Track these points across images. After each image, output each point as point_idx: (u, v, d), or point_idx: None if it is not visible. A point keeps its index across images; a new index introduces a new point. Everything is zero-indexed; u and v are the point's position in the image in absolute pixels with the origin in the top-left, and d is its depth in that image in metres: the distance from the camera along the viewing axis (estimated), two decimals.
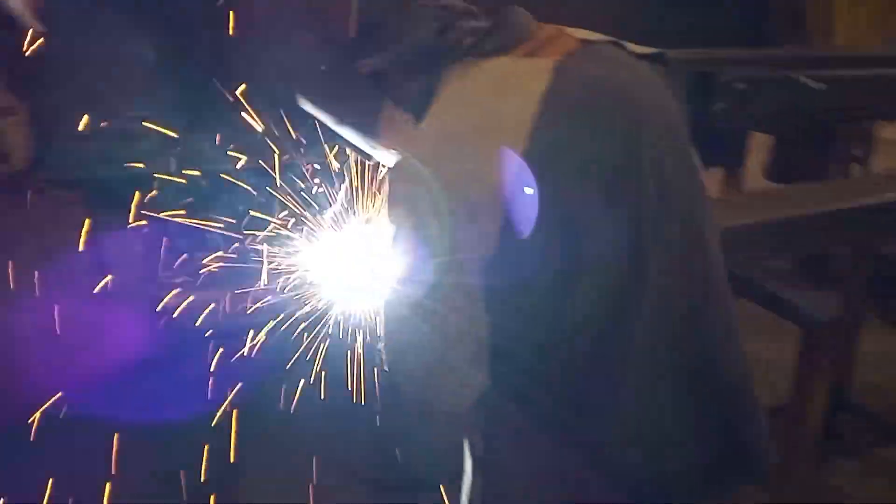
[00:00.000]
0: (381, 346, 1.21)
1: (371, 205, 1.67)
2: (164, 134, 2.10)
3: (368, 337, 1.73)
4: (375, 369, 1.63)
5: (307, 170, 1.78)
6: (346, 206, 1.74)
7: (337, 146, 1.67)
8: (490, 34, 1.15)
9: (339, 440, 2.37)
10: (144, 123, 2.09)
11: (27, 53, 1.92)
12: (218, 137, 2.02)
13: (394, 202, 1.10)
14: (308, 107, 1.30)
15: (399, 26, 1.18)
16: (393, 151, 1.26)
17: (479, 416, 1.23)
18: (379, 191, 1.59)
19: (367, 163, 1.50)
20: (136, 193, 1.92)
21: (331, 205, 1.74)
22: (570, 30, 1.20)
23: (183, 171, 2.11)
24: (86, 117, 2.05)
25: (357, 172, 1.66)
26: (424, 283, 1.10)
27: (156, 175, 2.09)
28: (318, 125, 1.34)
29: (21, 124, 4.74)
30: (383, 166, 1.36)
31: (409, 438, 1.33)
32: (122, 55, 2.53)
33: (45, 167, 2.74)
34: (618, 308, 1.08)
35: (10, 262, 2.14)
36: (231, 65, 1.88)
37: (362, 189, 1.71)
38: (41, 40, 1.94)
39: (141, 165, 2.19)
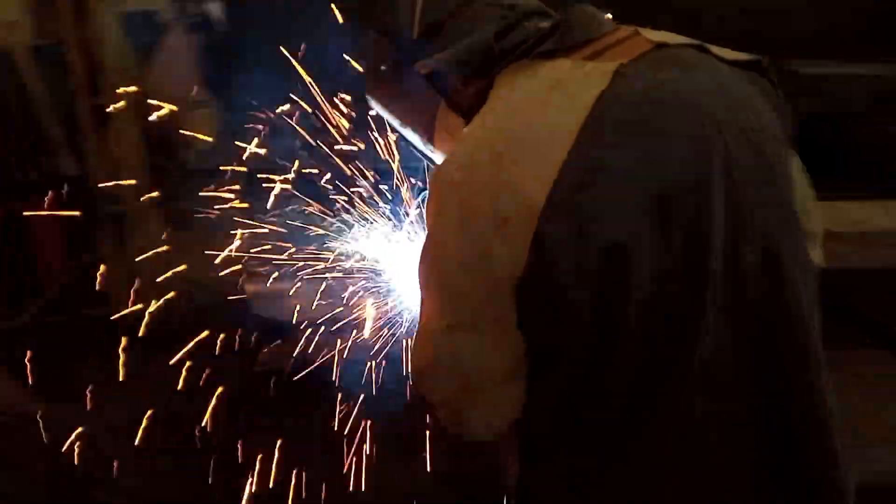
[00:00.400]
0: (411, 363, 1.16)
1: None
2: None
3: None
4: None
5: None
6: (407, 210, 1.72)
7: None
8: (552, 34, 1.08)
9: None
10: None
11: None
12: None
13: (427, 209, 1.05)
14: (375, 105, 1.28)
15: (459, 27, 1.13)
16: (443, 155, 1.20)
17: (514, 440, 1.15)
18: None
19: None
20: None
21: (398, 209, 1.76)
22: (650, 32, 1.10)
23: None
24: None
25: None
26: (449, 296, 1.03)
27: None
28: (387, 125, 1.31)
29: (210, 116, 5.74)
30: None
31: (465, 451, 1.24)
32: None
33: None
34: (671, 336, 0.97)
35: None
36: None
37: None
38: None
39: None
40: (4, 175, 3.82)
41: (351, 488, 2.41)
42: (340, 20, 2.17)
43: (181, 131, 5.60)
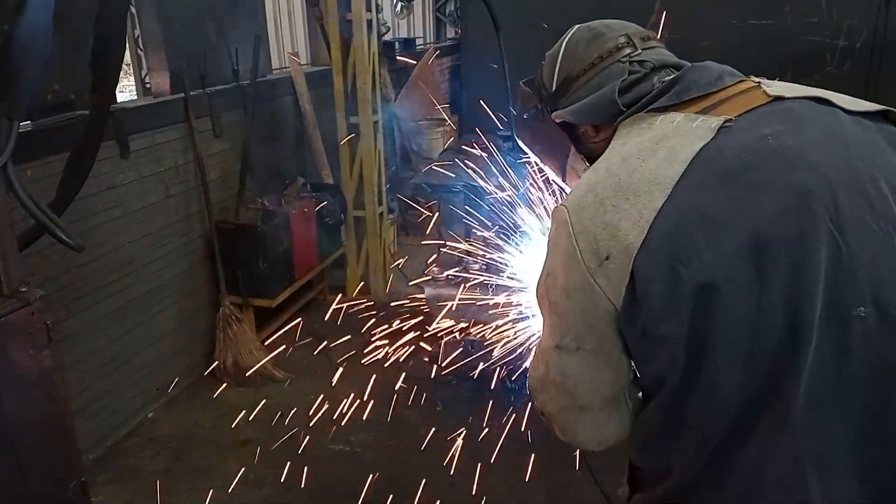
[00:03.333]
0: (529, 376, 1.25)
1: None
2: None
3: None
4: None
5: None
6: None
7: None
8: (670, 89, 1.14)
9: None
10: None
11: None
12: None
13: (548, 240, 1.15)
14: (522, 145, 1.45)
15: (590, 82, 1.23)
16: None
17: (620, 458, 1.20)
18: None
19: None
20: None
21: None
22: (772, 84, 1.14)
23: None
24: None
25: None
26: (558, 319, 1.13)
27: None
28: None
29: (449, 133, 6.26)
30: None
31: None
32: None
33: None
34: (767, 377, 0.98)
35: None
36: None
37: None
38: None
39: None
40: (278, 180, 4.61)
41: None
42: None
43: (414, 148, 6.27)
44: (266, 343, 3.93)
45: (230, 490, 2.85)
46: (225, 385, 3.67)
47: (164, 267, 3.52)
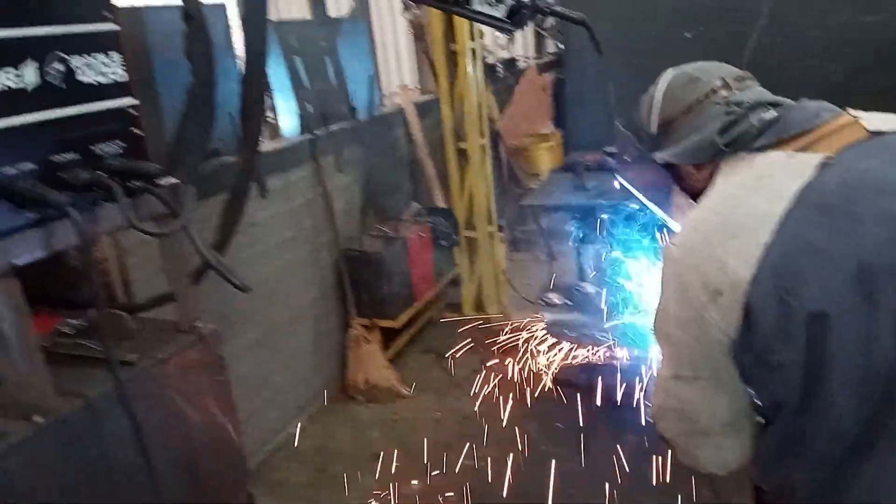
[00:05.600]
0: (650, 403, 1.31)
1: None
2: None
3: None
4: None
5: None
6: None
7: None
8: (769, 128, 1.19)
9: None
10: None
11: None
12: None
13: (660, 276, 1.21)
14: (623, 183, 1.58)
15: (689, 124, 1.28)
16: (677, 226, 1.39)
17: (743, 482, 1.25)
18: None
19: None
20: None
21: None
22: (871, 118, 1.17)
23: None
24: None
25: None
26: (674, 351, 1.19)
27: None
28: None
29: (554, 149, 6.32)
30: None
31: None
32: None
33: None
34: (882, 400, 1.01)
35: None
36: None
37: None
38: None
39: None
40: (395, 206, 4.87)
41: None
42: None
43: (520, 166, 6.36)
44: (392, 361, 4.17)
45: (370, 501, 3.06)
46: (357, 401, 3.95)
47: (299, 294, 3.84)
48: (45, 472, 1.42)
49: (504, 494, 2.91)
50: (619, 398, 2.44)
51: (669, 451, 1.38)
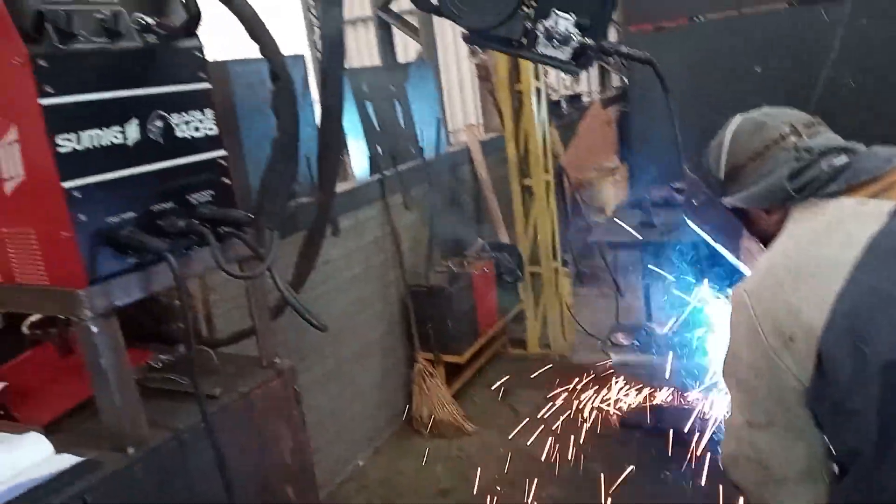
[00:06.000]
0: (721, 450, 1.30)
1: None
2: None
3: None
4: None
5: None
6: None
7: None
8: (840, 175, 1.18)
9: None
10: None
11: None
12: None
13: (729, 320, 1.21)
14: (692, 225, 1.55)
15: (758, 170, 1.28)
16: (747, 268, 1.38)
17: None
18: None
19: None
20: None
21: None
22: None
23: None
24: None
25: None
26: (746, 397, 1.18)
27: None
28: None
29: (620, 182, 6.32)
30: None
31: None
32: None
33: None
34: None
35: None
36: None
37: None
38: None
39: None
40: (460, 242, 4.95)
41: None
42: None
43: (585, 200, 6.35)
44: (456, 395, 4.20)
45: None
46: (422, 435, 3.99)
47: (367, 329, 3.93)
48: (135, 501, 1.50)
49: None
50: (688, 442, 2.39)
51: (742, 499, 1.38)
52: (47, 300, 1.47)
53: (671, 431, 2.50)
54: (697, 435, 2.31)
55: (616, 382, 2.90)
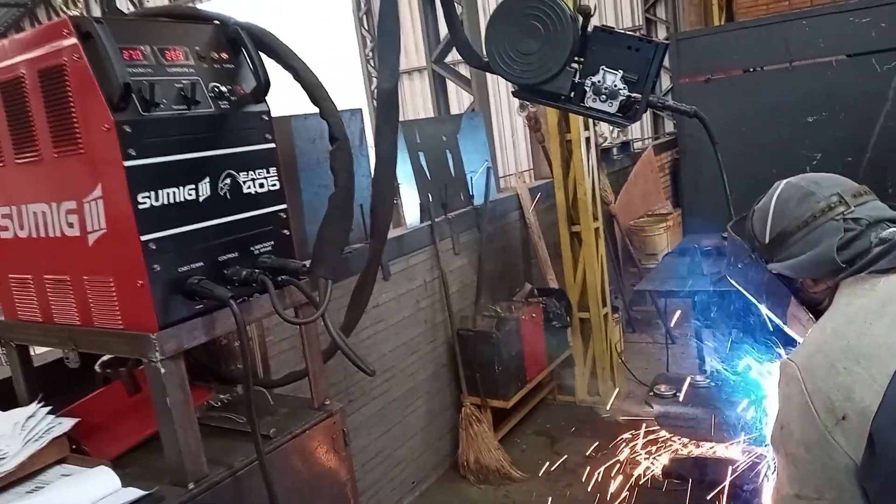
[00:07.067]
0: None
1: None
2: None
3: None
4: None
5: None
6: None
7: None
8: (891, 251, 1.17)
9: None
10: None
11: None
12: None
13: (778, 390, 1.21)
14: (735, 285, 1.50)
15: (806, 237, 1.26)
16: (794, 333, 1.35)
17: None
18: None
19: None
20: None
21: None
22: None
23: None
24: None
25: None
26: (796, 469, 1.17)
27: None
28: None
29: (672, 228, 6.29)
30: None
31: None
32: None
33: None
34: None
35: None
36: None
37: None
38: None
39: None
40: (509, 287, 4.99)
41: None
42: None
43: (636, 246, 6.33)
44: (502, 441, 4.21)
45: None
46: (468, 481, 4.00)
47: (415, 371, 4.00)
48: None
49: None
50: (734, 496, 2.35)
51: None
52: (122, 342, 1.60)
53: (714, 484, 2.46)
54: (745, 488, 2.28)
55: (662, 432, 2.87)
